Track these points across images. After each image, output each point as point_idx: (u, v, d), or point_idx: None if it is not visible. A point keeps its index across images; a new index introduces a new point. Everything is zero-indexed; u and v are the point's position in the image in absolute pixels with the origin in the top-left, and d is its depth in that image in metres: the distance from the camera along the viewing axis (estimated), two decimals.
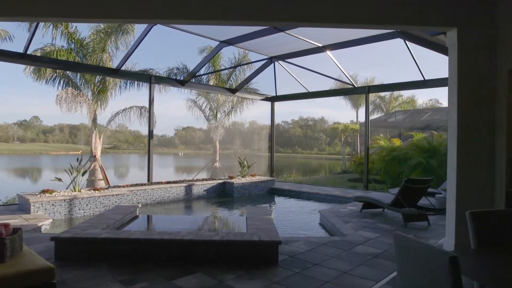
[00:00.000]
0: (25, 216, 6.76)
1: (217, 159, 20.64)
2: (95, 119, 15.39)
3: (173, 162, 49.76)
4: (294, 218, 8.38)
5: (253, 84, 17.11)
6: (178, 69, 16.58)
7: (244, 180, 11.33)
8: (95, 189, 8.51)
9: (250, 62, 17.05)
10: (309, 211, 9.03)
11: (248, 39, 9.26)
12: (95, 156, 15.29)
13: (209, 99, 20.32)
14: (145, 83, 11.28)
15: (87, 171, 12.16)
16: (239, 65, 17.97)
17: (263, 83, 20.43)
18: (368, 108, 11.33)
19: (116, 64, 10.38)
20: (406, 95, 33.48)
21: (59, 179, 8.20)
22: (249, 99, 18.19)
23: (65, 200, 7.49)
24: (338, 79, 13.02)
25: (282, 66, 11.95)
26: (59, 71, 14.27)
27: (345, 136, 32.32)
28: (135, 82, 15.29)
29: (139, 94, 17.85)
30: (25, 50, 8.03)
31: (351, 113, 73.47)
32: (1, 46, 13.92)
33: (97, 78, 15.04)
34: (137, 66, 15.71)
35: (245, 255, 4.34)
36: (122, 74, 10.89)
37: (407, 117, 22.24)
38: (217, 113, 20.37)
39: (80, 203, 7.69)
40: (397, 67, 58.95)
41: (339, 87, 16.48)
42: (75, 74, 14.91)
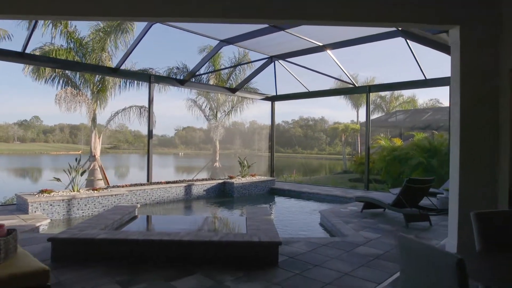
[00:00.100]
0: (23, 216, 6.71)
1: (217, 159, 20.57)
2: (94, 119, 15.33)
3: (173, 162, 49.74)
4: (294, 218, 8.32)
5: (253, 83, 17.06)
6: (178, 68, 16.52)
7: (244, 180, 11.27)
8: (94, 189, 8.45)
9: (250, 61, 17.00)
10: (310, 211, 8.97)
11: (248, 38, 9.21)
12: (95, 156, 15.23)
13: (209, 99, 20.25)
14: (144, 83, 11.22)
15: (86, 171, 12.10)
16: (239, 64, 17.90)
17: (263, 83, 20.44)
18: (369, 107, 11.27)
19: (115, 63, 10.32)
20: (406, 95, 33.50)
21: (58, 179, 8.14)
22: (249, 98, 18.13)
23: (63, 200, 7.43)
24: (338, 78, 12.98)
25: (282, 65, 11.89)
26: (58, 71, 14.22)
27: (346, 136, 32.27)
28: (134, 81, 15.25)
29: (139, 93, 17.84)
30: (24, 49, 7.97)
31: (351, 113, 73.61)
32: (0, 45, 13.90)
33: (97, 77, 14.98)
34: (136, 65, 15.70)
35: (245, 256, 4.29)
36: (121, 73, 10.85)
37: (407, 117, 22.21)
38: (217, 113, 20.30)
39: (78, 203, 7.64)
40: (397, 67, 58.98)
41: (340, 87, 16.44)
42: (74, 73, 14.85)
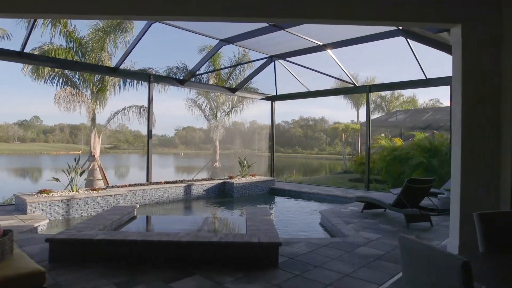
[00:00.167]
0: (21, 216, 6.67)
1: (217, 159, 20.50)
2: (94, 119, 15.27)
3: (174, 162, 49.72)
4: (294, 218, 8.28)
5: (253, 83, 16.97)
6: (177, 68, 16.44)
7: (244, 180, 11.23)
8: (93, 189, 8.41)
9: (250, 61, 16.94)
10: (310, 211, 8.93)
11: (248, 37, 9.16)
12: (94, 156, 15.17)
13: (209, 99, 20.19)
14: (144, 82, 11.17)
15: (85, 171, 12.05)
16: (239, 64, 17.84)
17: (263, 82, 20.35)
18: (369, 107, 11.22)
19: (115, 63, 10.26)
20: (407, 95, 33.46)
21: (57, 179, 8.09)
22: (249, 98, 18.08)
23: (62, 200, 7.39)
24: (339, 78, 12.93)
25: (282, 65, 11.85)
26: (57, 70, 14.16)
27: (346, 136, 32.22)
28: (134, 81, 15.20)
29: (138, 93, 17.78)
30: (22, 48, 7.93)
31: (351, 113, 73.64)
32: None
33: (96, 77, 14.93)
34: (136, 65, 15.63)
35: (244, 257, 4.24)
36: (121, 73, 10.82)
37: (408, 116, 22.19)
38: (217, 113, 20.24)
39: (77, 204, 7.60)
40: (398, 67, 58.88)
41: (340, 87, 16.40)
42: (74, 73, 14.80)
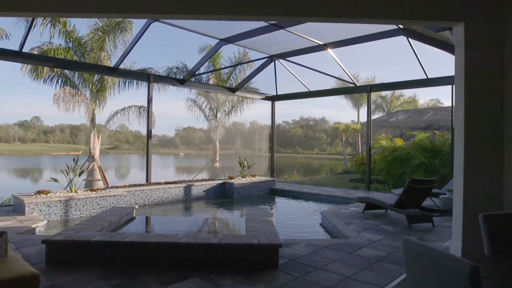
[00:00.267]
0: (19, 217, 6.61)
1: (217, 159, 20.42)
2: (93, 119, 15.20)
3: (174, 162, 49.68)
4: (295, 219, 8.21)
5: (253, 83, 16.89)
6: (177, 68, 16.38)
7: (244, 180, 11.16)
8: (92, 189, 8.35)
9: (250, 60, 16.87)
10: (310, 212, 8.86)
11: (248, 37, 9.09)
12: (94, 156, 15.10)
13: (209, 99, 20.11)
14: (144, 82, 11.12)
15: (84, 171, 11.99)
16: (239, 63, 17.77)
17: (263, 82, 20.23)
18: (370, 107, 11.16)
19: (114, 62, 10.20)
20: (407, 95, 33.38)
21: (55, 180, 8.03)
22: (249, 98, 18.01)
23: (60, 201, 7.33)
24: (339, 78, 12.87)
25: (282, 64, 11.78)
26: (57, 70, 14.10)
27: (346, 136, 32.16)
28: (134, 81, 15.13)
29: (138, 93, 17.66)
30: (21, 47, 7.87)
31: (352, 113, 73.41)
32: None
33: (96, 77, 14.87)
34: (135, 65, 15.56)
35: (244, 258, 4.18)
36: (120, 72, 10.76)
37: (408, 116, 22.14)
38: (217, 113, 20.17)
39: (76, 204, 7.53)
40: (398, 67, 58.73)
41: (340, 86, 16.33)
42: (73, 73, 14.74)
